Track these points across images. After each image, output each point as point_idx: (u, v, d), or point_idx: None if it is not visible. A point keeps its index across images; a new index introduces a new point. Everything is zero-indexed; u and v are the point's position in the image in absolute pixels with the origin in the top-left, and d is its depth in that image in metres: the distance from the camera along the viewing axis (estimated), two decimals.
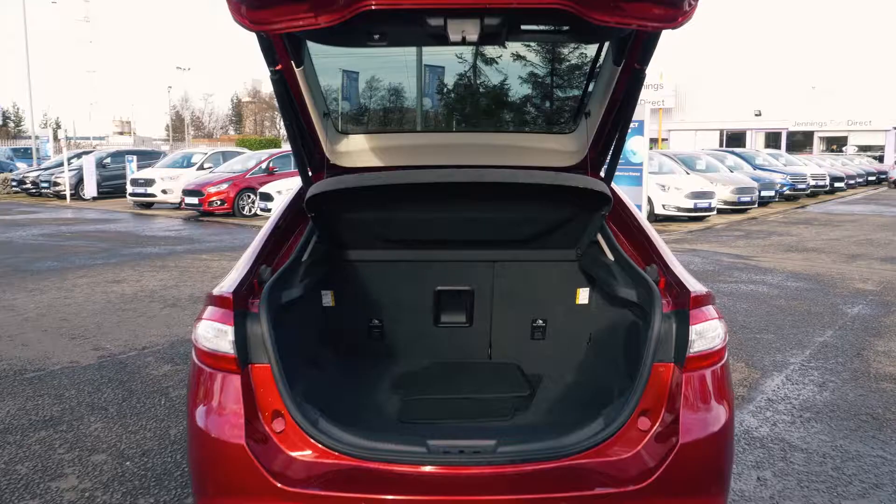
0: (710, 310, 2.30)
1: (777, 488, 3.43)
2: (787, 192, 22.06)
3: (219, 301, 2.29)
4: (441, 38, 2.41)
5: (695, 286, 2.33)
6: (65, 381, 5.00)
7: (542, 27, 2.90)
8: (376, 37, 2.96)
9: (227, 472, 2.17)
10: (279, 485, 2.10)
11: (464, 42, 2.39)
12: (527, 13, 2.39)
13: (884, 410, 4.44)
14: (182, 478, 3.53)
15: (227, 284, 2.38)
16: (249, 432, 2.17)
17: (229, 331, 2.22)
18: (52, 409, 4.47)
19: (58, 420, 4.28)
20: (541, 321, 3.49)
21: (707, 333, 2.23)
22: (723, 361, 2.28)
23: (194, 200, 17.06)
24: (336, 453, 2.20)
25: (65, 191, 22.06)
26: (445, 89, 3.59)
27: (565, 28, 2.75)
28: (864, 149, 42.39)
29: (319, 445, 2.20)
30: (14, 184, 25.05)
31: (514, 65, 3.34)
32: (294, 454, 2.21)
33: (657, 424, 2.20)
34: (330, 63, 3.11)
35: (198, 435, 2.23)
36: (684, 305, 2.25)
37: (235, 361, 2.21)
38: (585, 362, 3.12)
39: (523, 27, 2.78)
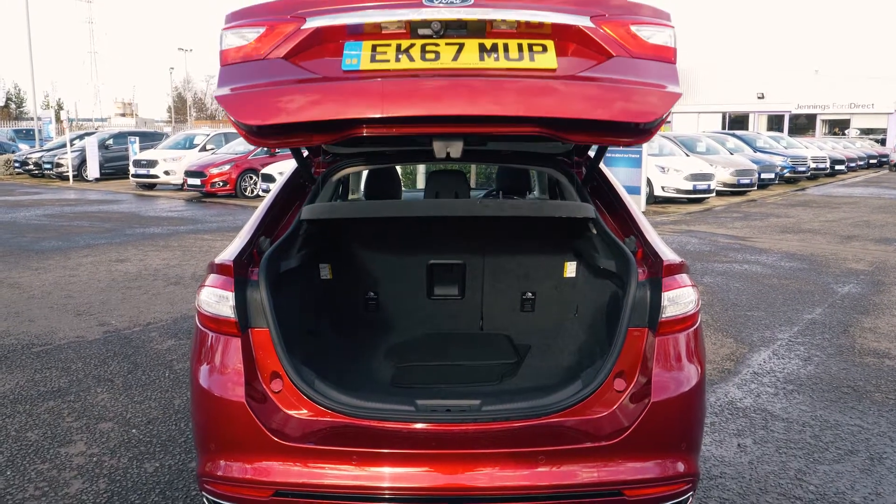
0: (683, 278, 2.42)
1: (756, 454, 3.58)
2: (788, 174, 22.09)
3: (220, 269, 2.42)
4: (427, 154, 2.60)
5: (668, 256, 2.46)
6: (71, 354, 5.14)
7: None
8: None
9: (229, 428, 2.31)
10: (277, 440, 2.24)
11: (448, 158, 2.55)
12: (507, 136, 2.52)
13: (864, 383, 4.58)
14: (186, 444, 3.68)
15: (228, 253, 2.51)
16: (249, 392, 2.30)
17: (230, 296, 2.35)
18: (59, 380, 4.61)
19: (65, 391, 4.43)
20: (530, 294, 3.62)
21: (679, 300, 2.36)
22: (695, 326, 2.41)
23: (197, 182, 17.16)
24: (330, 412, 2.34)
25: (67, 172, 22.16)
26: None
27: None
28: (866, 132, 42.29)
29: (315, 404, 2.34)
30: (17, 165, 25.14)
31: None
32: (291, 412, 2.35)
33: (632, 385, 2.34)
34: None
35: (201, 394, 2.36)
36: (658, 273, 2.38)
37: (236, 325, 2.34)
38: (572, 332, 3.25)
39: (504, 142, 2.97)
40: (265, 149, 18.05)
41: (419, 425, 2.31)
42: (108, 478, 3.32)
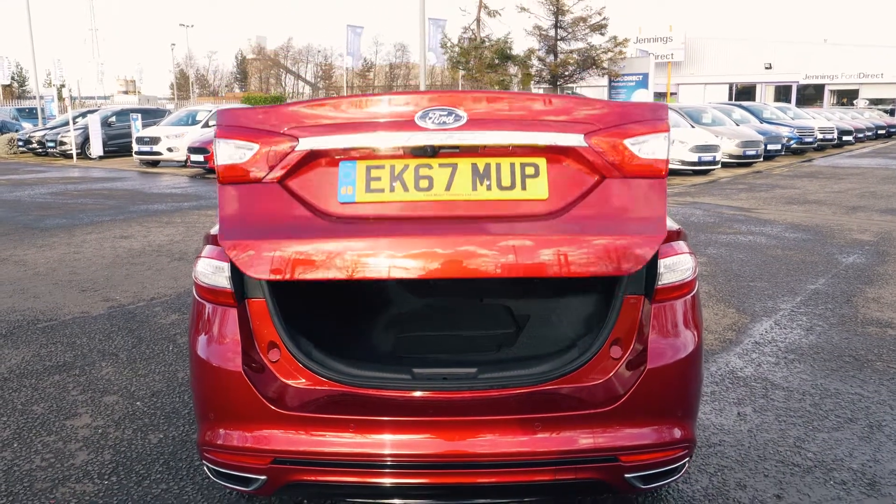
0: (679, 245, 2.41)
1: (756, 422, 3.59)
2: (794, 145, 21.92)
3: (216, 240, 2.42)
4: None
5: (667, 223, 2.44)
6: (76, 329, 5.18)
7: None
8: None
9: (227, 398, 2.33)
10: (275, 409, 2.26)
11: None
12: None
13: (866, 352, 4.58)
14: (189, 415, 3.72)
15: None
16: (246, 361, 2.32)
17: (226, 267, 2.35)
18: (64, 355, 4.66)
19: (71, 365, 4.47)
20: None
21: (676, 267, 2.35)
22: (692, 293, 2.41)
23: (200, 158, 17.13)
24: (328, 381, 2.35)
25: (71, 150, 22.16)
26: None
27: None
28: (875, 102, 41.86)
29: (312, 373, 2.36)
30: (20, 144, 25.15)
31: None
32: (289, 382, 2.37)
33: (628, 353, 2.34)
34: None
35: (199, 365, 2.38)
36: None
37: (232, 296, 2.35)
38: (572, 301, 3.25)
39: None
40: None
41: (416, 393, 2.33)
42: (113, 449, 3.36)
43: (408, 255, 2.14)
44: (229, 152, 2.26)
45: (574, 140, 2.19)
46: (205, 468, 2.52)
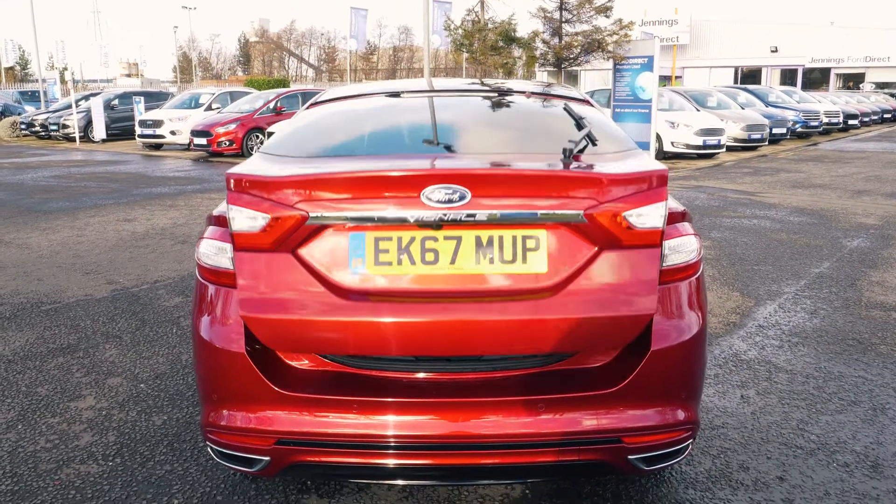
0: (684, 226, 2.40)
1: (759, 405, 3.59)
2: (800, 129, 21.80)
3: (218, 220, 2.42)
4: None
5: (670, 204, 2.42)
6: (80, 312, 5.19)
7: None
8: None
9: (230, 379, 2.33)
10: (278, 390, 2.26)
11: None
12: None
13: (870, 335, 4.57)
14: (193, 397, 3.73)
15: (226, 205, 2.50)
16: (249, 342, 2.31)
17: (228, 248, 2.34)
18: (68, 337, 4.67)
19: (74, 347, 4.48)
20: None
21: (681, 248, 2.33)
22: (697, 274, 2.40)
23: (203, 141, 17.13)
24: (331, 362, 2.35)
25: (74, 133, 22.15)
26: None
27: None
28: (881, 86, 41.53)
29: (315, 354, 2.36)
30: (23, 127, 25.14)
31: None
32: (292, 363, 2.37)
33: None
34: None
35: (202, 346, 2.38)
36: None
37: (235, 277, 2.34)
38: None
39: None
40: (270, 107, 17.98)
41: (420, 374, 2.33)
42: (117, 430, 3.38)
43: (414, 334, 2.21)
44: (241, 220, 2.28)
45: (574, 214, 2.21)
46: (209, 449, 2.53)
